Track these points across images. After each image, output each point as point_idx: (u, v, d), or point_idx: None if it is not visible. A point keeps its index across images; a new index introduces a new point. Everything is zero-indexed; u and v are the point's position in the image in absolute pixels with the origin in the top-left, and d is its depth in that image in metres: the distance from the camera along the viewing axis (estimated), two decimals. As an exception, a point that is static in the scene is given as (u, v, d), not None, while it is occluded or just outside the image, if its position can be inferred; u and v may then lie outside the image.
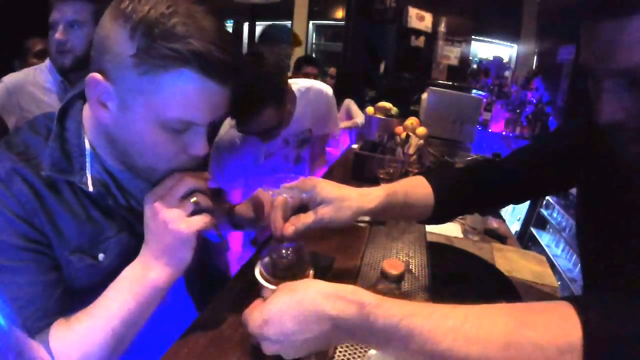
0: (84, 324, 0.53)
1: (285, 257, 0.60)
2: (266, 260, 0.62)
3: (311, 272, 0.62)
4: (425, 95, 2.55)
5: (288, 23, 4.99)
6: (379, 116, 2.06)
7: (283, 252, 0.61)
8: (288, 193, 0.63)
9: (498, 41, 4.66)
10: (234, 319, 0.65)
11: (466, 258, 1.14)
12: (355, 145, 2.12)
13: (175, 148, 0.54)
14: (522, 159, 0.74)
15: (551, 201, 2.94)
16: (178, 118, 0.51)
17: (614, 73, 0.41)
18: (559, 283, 1.42)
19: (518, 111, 4.03)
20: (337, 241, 0.96)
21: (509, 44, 4.68)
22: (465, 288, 1.02)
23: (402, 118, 2.01)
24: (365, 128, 2.11)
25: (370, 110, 2.15)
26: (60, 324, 0.53)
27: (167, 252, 0.56)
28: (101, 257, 0.60)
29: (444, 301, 0.40)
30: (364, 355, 0.59)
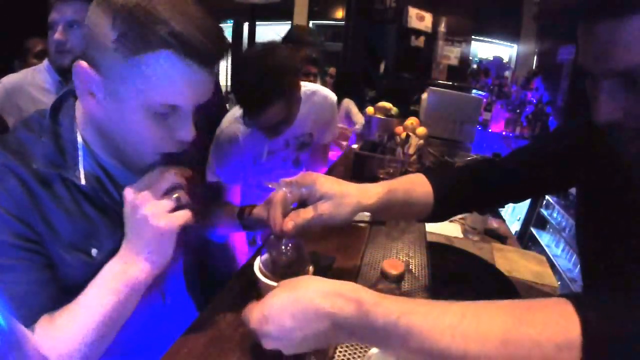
0: (65, 320, 0.53)
1: (284, 254, 0.60)
2: (265, 257, 0.61)
3: (311, 269, 0.62)
4: (425, 95, 2.55)
5: (288, 23, 4.99)
6: (379, 116, 2.06)
7: (282, 249, 0.60)
8: (287, 187, 0.63)
9: (498, 41, 4.66)
10: (234, 319, 0.65)
11: (466, 258, 1.14)
12: (355, 145, 2.12)
13: (161, 133, 0.55)
14: (522, 159, 0.74)
15: (551, 201, 2.94)
16: (161, 101, 0.52)
17: (612, 73, 0.41)
18: (559, 283, 1.42)
19: (518, 111, 4.03)
20: (337, 241, 0.96)
21: (509, 44, 4.68)
22: (465, 288, 1.02)
23: (402, 118, 2.01)
24: (365, 128, 2.11)
25: (370, 110, 2.15)
26: (44, 320, 0.53)
27: (148, 248, 0.55)
28: (94, 253, 0.59)
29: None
30: (364, 355, 0.59)
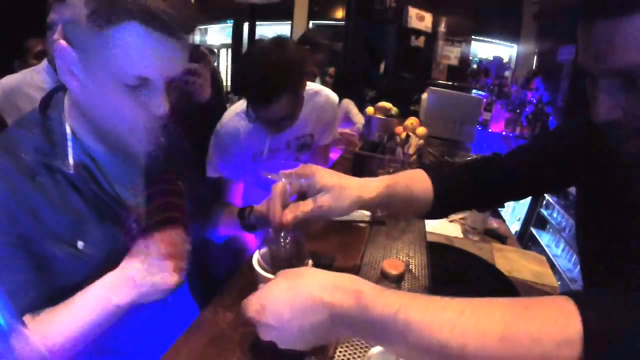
0: (42, 328, 0.54)
1: (283, 247, 0.59)
2: (264, 250, 0.61)
3: (310, 263, 0.61)
4: (425, 95, 2.54)
5: (288, 23, 4.99)
6: (379, 116, 2.05)
7: (281, 242, 0.59)
8: (287, 179, 0.62)
9: (498, 41, 4.66)
10: (234, 319, 0.65)
11: (466, 258, 1.14)
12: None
13: (135, 107, 0.56)
14: (522, 159, 0.73)
15: (551, 201, 2.94)
16: (131, 73, 0.53)
17: (611, 72, 0.42)
18: (559, 283, 1.42)
19: (518, 111, 4.03)
20: (337, 241, 0.96)
21: (509, 44, 4.68)
22: (465, 288, 1.02)
23: (402, 118, 2.01)
24: (365, 128, 2.10)
25: (370, 110, 2.15)
26: (29, 321, 0.53)
27: (140, 287, 0.58)
28: (80, 245, 0.59)
29: None
30: (364, 355, 0.59)
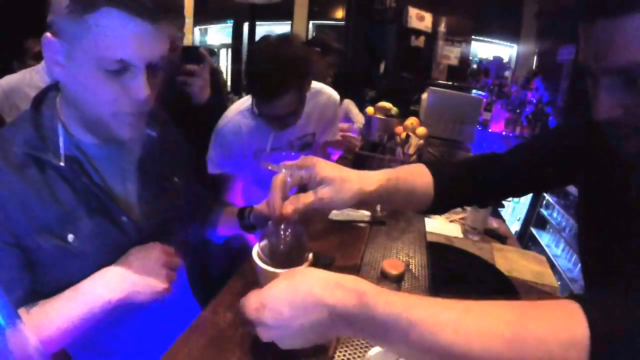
0: (36, 318, 0.56)
1: (283, 240, 0.58)
2: (264, 243, 0.60)
3: (310, 256, 0.60)
4: (425, 95, 2.54)
5: (288, 23, 4.99)
6: (379, 116, 2.05)
7: (282, 235, 0.58)
8: (287, 170, 0.61)
9: (498, 41, 4.65)
10: (234, 319, 0.65)
11: (466, 258, 1.14)
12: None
13: (116, 91, 0.57)
14: (522, 158, 0.73)
15: (551, 201, 2.94)
16: (111, 56, 0.54)
17: (611, 71, 0.42)
18: (559, 283, 1.42)
19: (518, 111, 4.02)
20: (337, 241, 0.96)
21: (509, 44, 4.67)
22: (465, 288, 1.02)
23: (402, 118, 2.01)
24: (365, 128, 2.10)
25: (370, 110, 2.14)
26: (21, 313, 0.54)
27: (133, 285, 0.61)
28: (70, 238, 0.60)
29: None
30: (364, 355, 0.59)
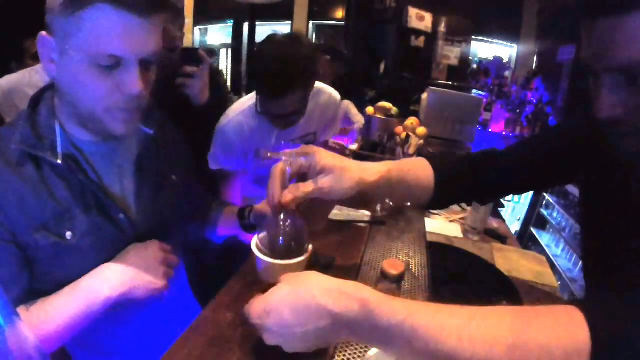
0: (36, 315, 0.57)
1: (282, 231, 0.57)
2: (263, 234, 0.60)
3: (310, 248, 0.60)
4: (425, 95, 2.54)
5: (288, 23, 4.99)
6: (379, 116, 2.05)
7: (281, 225, 0.58)
8: (288, 157, 0.60)
9: (498, 41, 4.65)
10: (234, 319, 0.65)
11: (466, 258, 1.14)
12: (354, 145, 2.12)
13: (109, 86, 0.57)
14: (523, 158, 0.73)
15: (551, 201, 2.94)
16: (103, 52, 0.54)
17: (612, 69, 0.42)
18: (559, 283, 1.42)
19: (518, 111, 4.02)
20: (337, 240, 0.96)
21: (509, 44, 4.67)
22: (465, 288, 1.02)
23: (402, 118, 2.01)
24: (365, 128, 2.10)
25: (370, 110, 2.15)
26: (20, 311, 0.55)
27: (132, 281, 0.62)
28: (69, 236, 0.61)
29: (444, 301, 0.40)
30: (364, 355, 0.59)
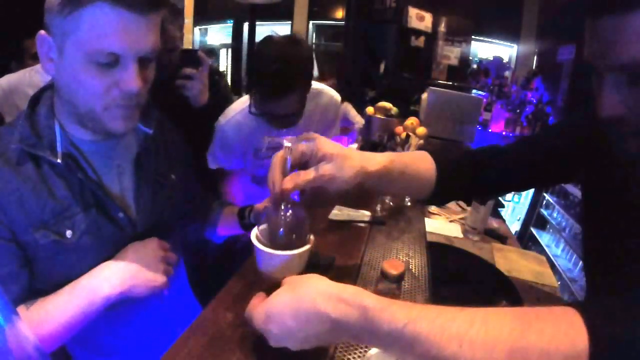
0: (36, 314, 0.57)
1: (283, 221, 0.57)
2: (264, 225, 0.59)
3: (312, 238, 0.59)
4: (425, 95, 2.54)
5: (288, 23, 4.99)
6: (379, 116, 2.05)
7: (281, 215, 0.57)
8: (289, 142, 0.59)
9: (498, 41, 4.66)
10: (234, 319, 0.65)
11: (466, 258, 1.14)
12: (354, 145, 2.11)
13: (106, 84, 0.58)
14: (523, 156, 0.73)
15: (551, 201, 2.94)
16: (100, 49, 0.55)
17: (614, 68, 0.42)
18: (559, 283, 1.42)
19: (518, 111, 4.02)
20: (337, 240, 0.96)
21: (509, 44, 4.67)
22: (465, 288, 1.02)
23: (402, 118, 2.01)
24: (365, 128, 2.10)
25: (370, 110, 2.14)
26: (20, 310, 0.56)
27: (132, 279, 0.63)
28: (69, 234, 0.61)
29: (444, 301, 0.40)
30: (364, 355, 0.59)
